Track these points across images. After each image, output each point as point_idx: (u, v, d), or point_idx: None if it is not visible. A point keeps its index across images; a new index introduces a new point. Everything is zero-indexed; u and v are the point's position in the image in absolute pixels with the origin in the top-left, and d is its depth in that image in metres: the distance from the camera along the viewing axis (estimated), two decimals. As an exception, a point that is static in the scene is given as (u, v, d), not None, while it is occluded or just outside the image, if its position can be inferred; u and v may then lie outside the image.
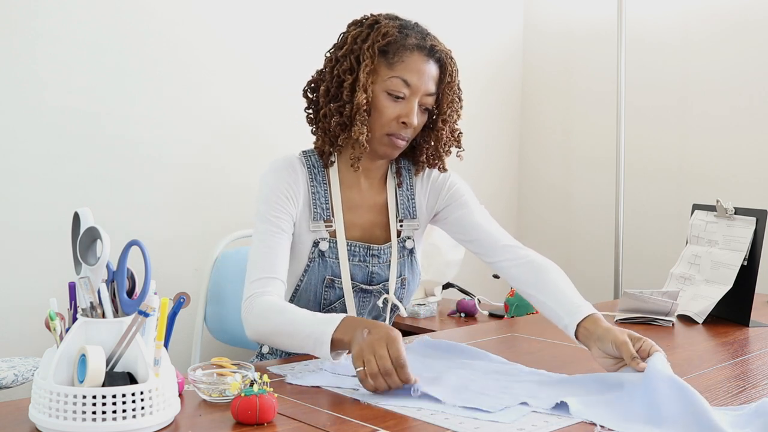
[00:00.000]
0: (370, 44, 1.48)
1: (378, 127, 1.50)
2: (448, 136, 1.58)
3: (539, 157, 3.46)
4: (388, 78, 1.48)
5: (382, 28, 1.49)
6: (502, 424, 1.06)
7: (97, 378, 0.99)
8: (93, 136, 2.27)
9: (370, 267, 1.57)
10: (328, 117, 1.52)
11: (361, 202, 1.59)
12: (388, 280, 1.59)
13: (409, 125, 1.49)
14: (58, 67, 2.20)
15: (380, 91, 1.49)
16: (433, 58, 1.51)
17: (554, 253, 3.38)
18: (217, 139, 2.52)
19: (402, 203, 1.63)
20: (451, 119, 1.57)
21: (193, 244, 2.45)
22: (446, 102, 1.54)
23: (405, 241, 1.62)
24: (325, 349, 1.26)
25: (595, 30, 3.21)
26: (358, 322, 1.27)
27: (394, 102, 1.49)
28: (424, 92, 1.50)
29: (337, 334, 1.26)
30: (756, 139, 2.77)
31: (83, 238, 1.06)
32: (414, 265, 1.64)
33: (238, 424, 1.05)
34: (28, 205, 2.16)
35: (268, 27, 2.62)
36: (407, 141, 1.53)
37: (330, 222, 1.55)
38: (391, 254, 1.59)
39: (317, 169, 1.57)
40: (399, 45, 1.48)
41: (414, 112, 1.49)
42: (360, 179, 1.59)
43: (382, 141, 1.51)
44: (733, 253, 1.89)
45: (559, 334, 1.72)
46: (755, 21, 2.77)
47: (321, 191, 1.55)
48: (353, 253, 1.56)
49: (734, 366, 1.47)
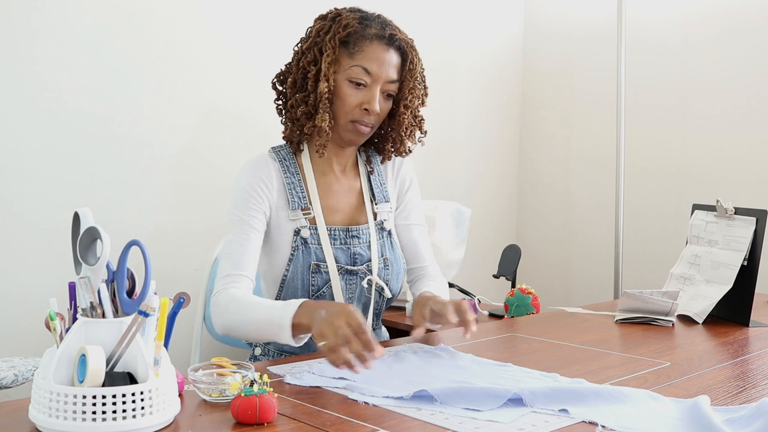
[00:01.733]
0: (331, 36, 1.56)
1: (342, 114, 1.58)
2: (410, 121, 1.66)
3: (539, 157, 3.46)
4: (350, 67, 1.56)
5: (343, 20, 1.58)
6: (502, 424, 1.06)
7: (97, 378, 0.99)
8: (93, 136, 2.27)
9: (352, 248, 1.61)
10: (295, 107, 1.60)
11: (338, 187, 1.66)
12: (371, 260, 1.62)
13: (371, 111, 1.57)
14: (57, 67, 2.20)
15: (342, 80, 1.57)
16: (392, 46, 1.58)
17: (554, 253, 3.41)
18: (217, 138, 2.52)
19: (376, 187, 1.70)
20: (412, 105, 1.64)
21: (193, 244, 2.45)
22: (407, 88, 1.61)
23: (383, 223, 1.68)
24: (286, 333, 1.35)
25: (595, 30, 3.22)
26: (316, 304, 1.35)
27: (356, 90, 1.57)
28: (386, 79, 1.57)
29: (297, 318, 1.35)
30: (756, 139, 2.77)
31: (83, 238, 1.06)
32: (394, 246, 1.70)
33: (238, 424, 1.05)
34: (28, 205, 2.16)
35: (270, 26, 2.62)
36: (371, 127, 1.61)
37: (308, 210, 1.60)
38: (370, 235, 1.64)
39: (288, 161, 1.64)
40: (359, 35, 1.57)
41: (376, 99, 1.57)
42: (333, 165, 1.67)
43: (346, 128, 1.59)
44: (733, 253, 1.89)
45: (559, 334, 1.72)
46: (755, 21, 2.77)
47: (295, 180, 1.62)
48: (334, 237, 1.60)
49: (734, 366, 1.46)
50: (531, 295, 2.18)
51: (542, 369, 1.37)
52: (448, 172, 3.15)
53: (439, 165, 3.10)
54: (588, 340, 1.65)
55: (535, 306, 2.16)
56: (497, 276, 2.48)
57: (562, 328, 1.81)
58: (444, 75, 3.10)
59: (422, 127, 1.71)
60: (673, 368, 1.41)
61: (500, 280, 2.50)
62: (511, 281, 2.43)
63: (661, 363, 1.44)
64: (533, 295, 2.18)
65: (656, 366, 1.42)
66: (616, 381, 1.30)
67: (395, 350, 1.47)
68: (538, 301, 2.18)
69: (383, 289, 1.64)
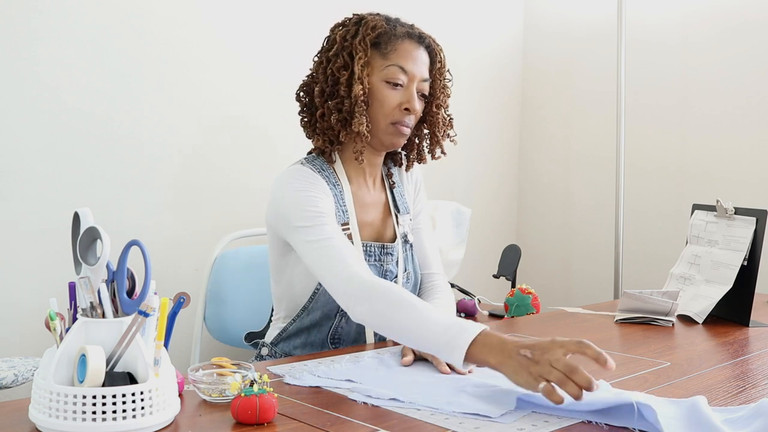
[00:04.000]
0: (361, 38, 1.52)
1: (382, 117, 1.53)
2: (444, 120, 1.64)
3: (539, 157, 3.46)
4: (385, 67, 1.52)
5: (370, 22, 1.54)
6: (502, 424, 1.06)
7: (97, 378, 0.99)
8: (93, 136, 2.27)
9: (384, 265, 1.59)
10: (327, 116, 1.54)
11: (370, 200, 1.63)
12: (398, 276, 1.61)
13: (411, 111, 1.54)
14: (57, 67, 2.20)
15: (378, 81, 1.53)
16: (423, 44, 1.56)
17: (554, 253, 3.41)
18: (217, 138, 2.52)
19: (399, 198, 1.68)
20: (444, 104, 1.63)
21: (193, 244, 2.45)
22: (438, 87, 1.59)
23: (406, 236, 1.66)
24: (458, 355, 1.21)
25: (595, 30, 3.21)
26: (496, 342, 1.20)
27: (394, 90, 1.53)
28: (420, 78, 1.55)
29: (476, 349, 1.20)
30: (756, 139, 2.77)
31: (83, 238, 1.06)
32: (414, 258, 1.68)
33: (238, 424, 1.05)
34: (28, 205, 2.16)
35: (270, 26, 2.62)
36: (410, 128, 1.57)
37: (347, 225, 1.55)
38: (399, 251, 1.62)
39: (326, 172, 1.57)
40: (390, 35, 1.53)
41: (415, 97, 1.54)
42: (365, 177, 1.63)
43: (387, 131, 1.55)
44: (733, 253, 1.89)
45: (559, 334, 1.71)
46: (755, 21, 2.77)
47: (337, 193, 1.56)
48: (369, 254, 1.58)
49: (734, 366, 1.47)
50: (531, 295, 2.18)
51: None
52: (448, 172, 3.15)
53: (439, 165, 3.08)
54: (588, 340, 1.65)
55: (535, 306, 2.16)
56: (497, 276, 2.48)
57: (562, 328, 1.81)
58: (444, 75, 3.10)
59: (453, 127, 1.67)
60: (673, 368, 1.41)
61: (500, 280, 2.49)
62: (511, 281, 2.43)
63: (661, 363, 1.44)
64: (533, 295, 2.18)
65: (656, 366, 1.42)
66: (616, 381, 1.30)
67: (397, 351, 1.47)
68: (538, 301, 2.18)
69: None
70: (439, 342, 1.23)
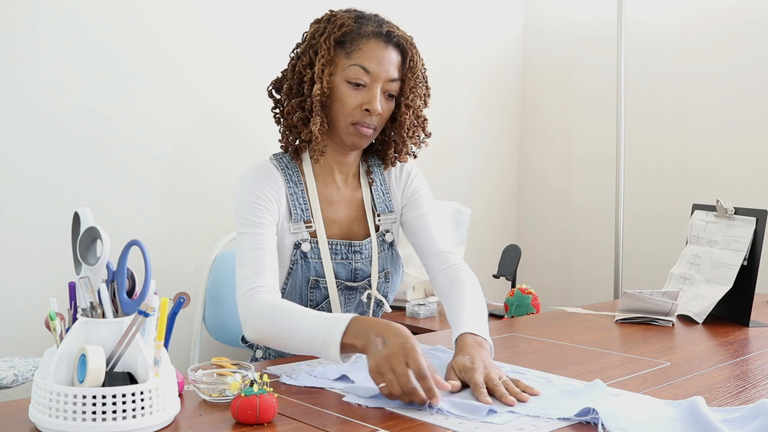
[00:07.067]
0: (326, 36, 1.50)
1: (342, 117, 1.51)
2: (412, 122, 1.59)
3: (539, 158, 3.46)
4: (347, 67, 1.49)
5: (338, 20, 1.52)
6: (503, 424, 1.06)
7: (97, 378, 0.99)
8: (93, 136, 2.27)
9: (353, 264, 1.57)
10: (291, 113, 1.54)
11: (339, 198, 1.59)
12: (371, 275, 1.59)
13: (372, 112, 1.49)
14: (58, 67, 2.20)
15: (340, 81, 1.50)
16: (391, 43, 1.52)
17: (554, 253, 3.41)
18: (217, 138, 2.52)
19: (378, 197, 1.63)
20: (414, 104, 1.57)
21: (192, 244, 2.45)
22: (409, 87, 1.54)
23: (384, 235, 1.62)
24: (334, 351, 1.23)
25: (595, 30, 3.22)
26: (370, 325, 1.22)
27: (356, 90, 1.50)
28: (386, 78, 1.50)
29: (347, 339, 1.22)
30: (756, 139, 2.77)
31: (83, 238, 1.06)
32: (395, 258, 1.65)
33: (238, 424, 1.05)
34: (28, 205, 2.16)
35: (268, 26, 2.62)
36: (374, 129, 1.53)
37: (310, 222, 1.54)
38: (372, 249, 1.59)
39: (291, 170, 1.57)
40: (355, 34, 1.50)
41: (377, 99, 1.49)
42: (334, 175, 1.60)
43: (348, 131, 1.52)
44: (733, 253, 1.89)
45: (559, 334, 1.72)
46: (755, 21, 2.77)
47: (298, 191, 1.55)
48: (335, 252, 1.55)
49: (734, 366, 1.47)
50: (531, 295, 2.18)
51: (542, 369, 1.37)
52: (448, 172, 3.15)
53: (439, 165, 3.09)
54: (588, 340, 1.66)
55: (535, 306, 2.16)
56: (497, 276, 2.48)
57: (562, 328, 1.81)
58: (444, 75, 3.10)
59: (426, 129, 1.63)
60: (673, 368, 1.41)
61: (500, 280, 2.50)
62: (511, 281, 2.43)
63: (661, 363, 1.44)
64: (533, 295, 2.18)
65: (656, 366, 1.42)
66: (616, 381, 1.30)
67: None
68: (538, 301, 2.18)
69: (382, 303, 1.61)
70: (315, 344, 1.26)
